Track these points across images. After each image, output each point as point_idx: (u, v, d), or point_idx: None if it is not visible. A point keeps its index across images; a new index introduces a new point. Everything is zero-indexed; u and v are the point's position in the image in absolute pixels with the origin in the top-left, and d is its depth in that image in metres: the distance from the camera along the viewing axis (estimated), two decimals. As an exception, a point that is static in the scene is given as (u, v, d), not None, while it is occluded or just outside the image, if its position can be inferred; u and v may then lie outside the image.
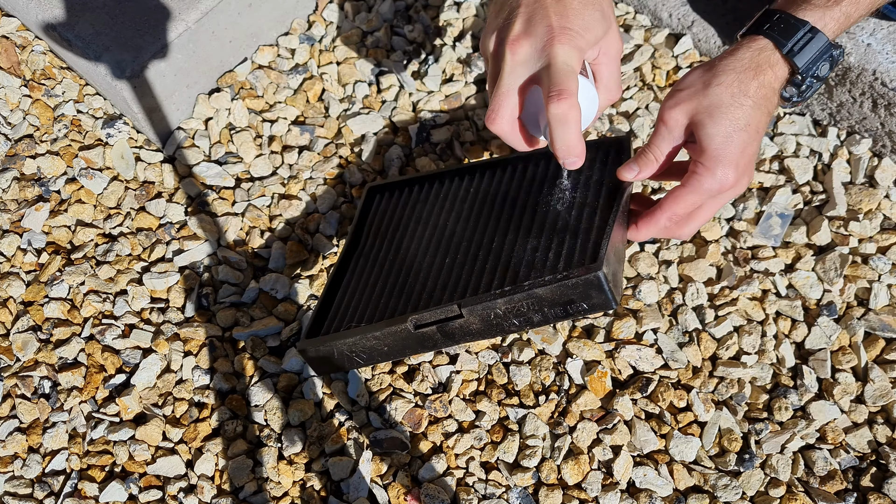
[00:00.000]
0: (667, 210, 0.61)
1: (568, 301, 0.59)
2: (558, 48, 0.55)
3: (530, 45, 0.57)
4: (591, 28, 0.57)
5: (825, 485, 0.72)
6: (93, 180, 0.91)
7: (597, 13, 0.58)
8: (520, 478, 0.73)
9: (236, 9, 0.93)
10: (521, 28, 0.57)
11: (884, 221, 0.83)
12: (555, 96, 0.54)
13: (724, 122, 0.58)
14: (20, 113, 0.96)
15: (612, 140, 0.73)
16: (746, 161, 0.59)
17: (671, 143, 0.61)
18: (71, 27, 0.90)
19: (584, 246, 0.62)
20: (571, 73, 0.55)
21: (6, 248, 0.88)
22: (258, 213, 0.89)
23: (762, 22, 0.62)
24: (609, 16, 0.59)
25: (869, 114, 0.85)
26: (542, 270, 0.62)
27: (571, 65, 0.56)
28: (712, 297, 0.81)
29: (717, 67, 0.60)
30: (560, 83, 0.55)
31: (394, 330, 0.64)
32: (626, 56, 0.94)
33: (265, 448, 0.76)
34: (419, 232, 0.75)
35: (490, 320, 0.62)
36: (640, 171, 0.63)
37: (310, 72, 0.98)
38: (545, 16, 0.56)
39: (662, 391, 0.76)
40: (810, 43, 0.59)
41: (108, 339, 0.83)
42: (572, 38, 0.56)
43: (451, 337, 0.64)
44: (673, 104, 0.60)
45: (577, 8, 0.57)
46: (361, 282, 0.74)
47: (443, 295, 0.66)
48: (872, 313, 0.78)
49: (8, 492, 0.76)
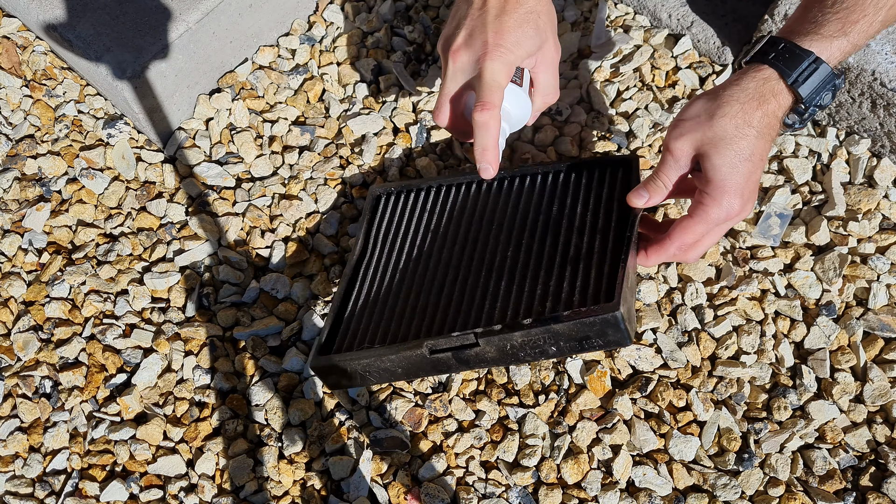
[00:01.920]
0: (675, 240, 0.64)
1: (584, 337, 0.61)
2: (488, 63, 0.63)
3: (467, 56, 0.65)
4: (522, 44, 0.65)
5: (824, 484, 0.72)
6: (94, 180, 0.92)
7: (530, 30, 0.65)
8: (519, 477, 0.73)
9: (237, 9, 0.93)
10: (462, 40, 0.65)
11: (883, 221, 0.84)
12: (479, 107, 0.63)
13: (728, 154, 0.60)
14: (21, 113, 0.96)
15: (619, 158, 0.74)
16: (751, 189, 0.62)
17: (678, 171, 0.64)
18: (72, 28, 0.91)
19: (599, 281, 0.64)
20: (497, 88, 0.64)
21: (7, 247, 0.88)
22: (259, 213, 0.89)
23: (767, 50, 0.62)
24: (544, 30, 0.66)
25: (868, 114, 0.85)
26: (558, 302, 0.64)
27: (498, 80, 0.64)
28: (711, 296, 0.81)
29: (722, 98, 0.61)
30: (485, 96, 0.63)
31: (409, 354, 0.65)
32: (626, 56, 0.94)
33: (266, 447, 0.77)
34: (428, 244, 0.75)
35: (506, 350, 0.63)
36: (651, 198, 0.66)
37: (310, 72, 0.99)
38: (483, 32, 0.64)
39: (662, 391, 0.76)
40: (814, 74, 0.61)
41: (109, 338, 0.83)
42: (503, 55, 0.64)
43: (466, 363, 0.65)
44: (678, 135, 0.62)
45: (511, 26, 0.64)
46: (372, 296, 0.73)
47: (457, 318, 0.67)
48: (871, 313, 0.79)
49: (9, 491, 0.76)
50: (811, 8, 0.62)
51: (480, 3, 0.65)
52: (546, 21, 0.66)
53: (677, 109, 0.90)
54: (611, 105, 0.92)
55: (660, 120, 0.90)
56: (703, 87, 0.92)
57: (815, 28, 0.61)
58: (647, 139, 0.89)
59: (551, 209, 0.72)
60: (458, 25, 0.66)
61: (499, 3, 0.65)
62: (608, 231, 0.68)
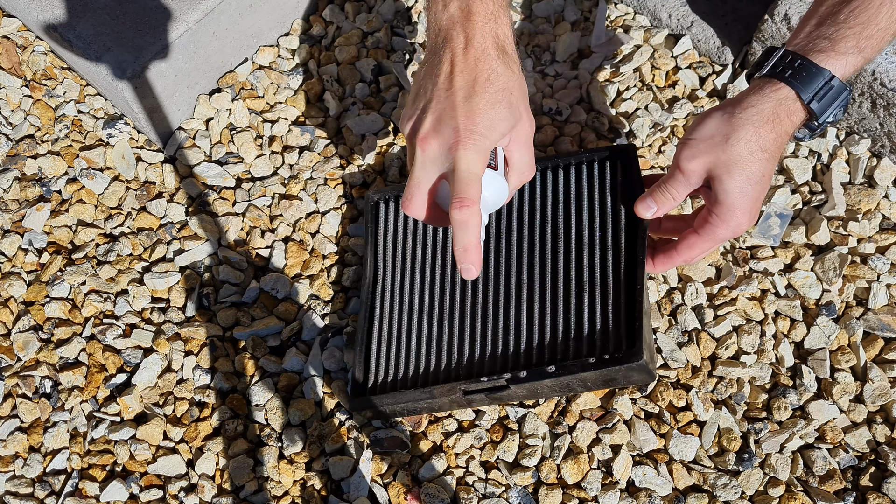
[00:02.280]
0: (682, 254, 0.66)
1: (610, 379, 0.66)
2: (461, 153, 0.56)
3: (438, 145, 0.58)
4: (496, 127, 0.58)
5: (824, 484, 0.72)
6: (94, 180, 0.92)
7: (504, 110, 0.58)
8: (519, 477, 0.73)
9: (237, 9, 0.93)
10: (430, 126, 0.58)
11: (883, 221, 0.84)
12: (457, 204, 0.56)
13: (740, 178, 0.61)
14: (21, 113, 0.96)
15: (618, 148, 0.74)
16: (758, 206, 0.63)
17: (688, 188, 0.65)
18: (72, 28, 0.91)
19: (619, 320, 0.66)
20: (474, 180, 0.57)
21: (7, 248, 0.88)
22: (259, 213, 0.89)
23: (783, 67, 0.62)
24: (517, 106, 0.59)
25: (868, 114, 0.85)
26: (581, 341, 0.67)
27: (474, 171, 0.57)
28: (711, 296, 0.81)
29: (737, 120, 0.61)
30: (462, 192, 0.56)
31: (444, 396, 0.70)
32: (626, 56, 0.94)
33: (266, 447, 0.77)
34: (440, 260, 0.77)
35: (536, 391, 0.69)
36: (659, 209, 0.67)
37: (310, 72, 0.99)
38: (453, 116, 0.57)
39: (662, 391, 0.76)
40: (830, 91, 0.61)
41: (109, 338, 0.83)
42: (476, 142, 0.57)
43: (498, 400, 0.70)
44: (691, 155, 0.63)
45: (483, 108, 0.57)
46: (395, 327, 0.77)
47: (484, 359, 0.71)
48: (871, 313, 0.79)
49: (9, 491, 0.76)
50: (824, 22, 0.62)
51: (447, 83, 0.58)
52: (518, 97, 0.60)
53: (677, 109, 0.90)
54: (611, 105, 0.92)
55: (660, 120, 0.90)
56: (703, 87, 0.92)
57: (830, 45, 0.61)
58: (647, 139, 0.89)
59: (557, 215, 0.74)
60: (425, 109, 0.59)
61: (467, 83, 0.58)
62: (619, 245, 0.69)
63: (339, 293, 0.84)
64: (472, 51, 0.59)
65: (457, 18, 0.59)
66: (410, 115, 0.61)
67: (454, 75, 0.58)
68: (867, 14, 0.60)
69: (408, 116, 0.61)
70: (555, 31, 0.98)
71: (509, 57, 0.60)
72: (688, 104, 0.90)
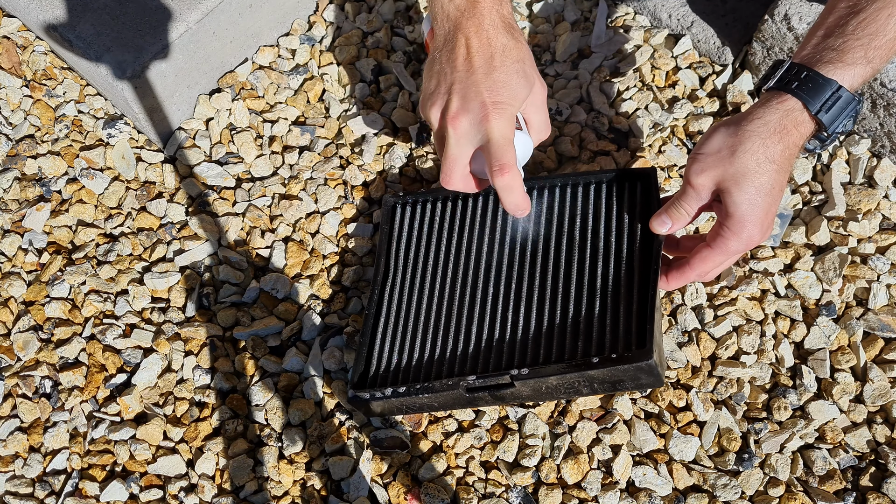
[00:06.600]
0: (696, 268, 0.66)
1: (618, 381, 0.64)
2: (494, 124, 0.63)
3: (468, 121, 0.64)
4: (518, 95, 0.65)
5: (824, 484, 0.72)
6: (94, 180, 0.92)
7: (521, 79, 0.65)
8: (519, 477, 0.73)
9: (237, 9, 0.93)
10: (457, 105, 0.64)
11: (883, 221, 0.84)
12: (497, 171, 0.63)
13: (750, 190, 0.61)
14: (21, 113, 0.96)
15: (638, 172, 0.74)
16: (770, 219, 0.63)
17: (699, 203, 0.65)
18: (72, 27, 0.91)
19: (629, 322, 0.66)
20: (508, 146, 0.63)
21: (7, 247, 0.88)
22: (259, 213, 0.89)
23: (789, 79, 0.62)
24: (530, 74, 0.66)
25: (868, 114, 0.85)
26: (590, 342, 0.66)
27: (507, 136, 0.63)
28: (711, 296, 0.81)
29: (743, 133, 0.61)
30: (500, 158, 0.63)
31: (446, 393, 0.68)
32: (626, 57, 0.94)
33: (266, 447, 0.77)
34: (452, 263, 0.77)
35: (541, 391, 0.67)
36: (673, 224, 0.67)
37: (310, 72, 0.99)
38: (478, 92, 0.63)
39: (662, 391, 0.76)
40: (838, 102, 0.61)
41: (109, 338, 0.83)
42: (504, 111, 0.63)
43: (502, 399, 0.69)
44: (699, 170, 0.63)
45: (504, 80, 0.64)
46: (402, 324, 0.75)
47: (489, 356, 0.69)
48: (871, 313, 0.79)
49: (9, 491, 0.76)
50: (832, 33, 0.62)
51: (466, 65, 0.64)
52: (529, 65, 0.66)
53: (677, 109, 0.90)
54: (611, 105, 0.92)
55: (660, 120, 0.90)
56: (703, 87, 0.92)
57: (838, 56, 0.61)
58: (647, 139, 0.89)
59: (574, 228, 0.73)
60: (450, 91, 0.65)
61: (485, 61, 0.64)
62: (633, 256, 0.69)
63: (338, 293, 0.84)
64: (483, 32, 0.65)
65: (464, 8, 0.65)
66: (434, 99, 0.66)
67: (471, 56, 0.64)
68: (875, 25, 0.60)
69: (432, 102, 0.66)
70: (555, 31, 0.99)
71: (516, 30, 0.67)
72: (688, 104, 0.90)
